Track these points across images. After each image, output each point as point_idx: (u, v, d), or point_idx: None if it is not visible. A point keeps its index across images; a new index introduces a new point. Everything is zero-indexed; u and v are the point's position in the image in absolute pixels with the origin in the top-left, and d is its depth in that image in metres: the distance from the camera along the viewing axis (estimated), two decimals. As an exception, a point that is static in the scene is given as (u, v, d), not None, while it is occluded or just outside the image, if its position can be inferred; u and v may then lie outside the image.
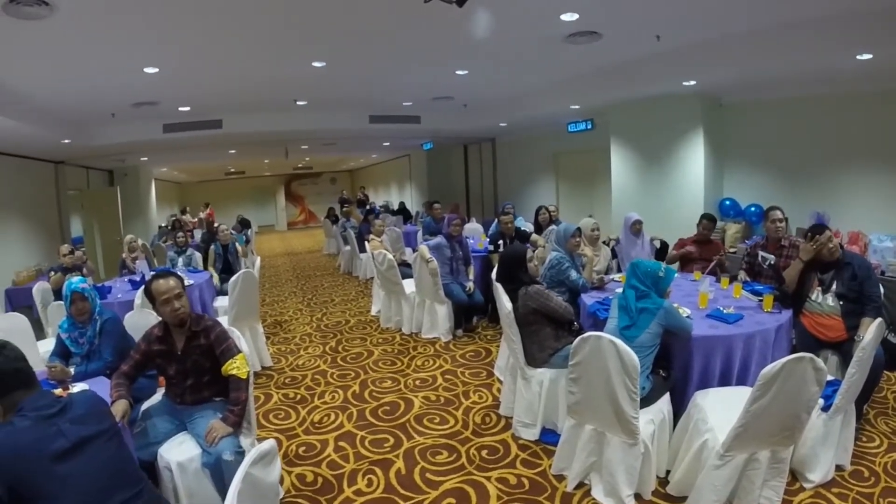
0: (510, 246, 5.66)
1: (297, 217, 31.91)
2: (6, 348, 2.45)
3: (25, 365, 2.47)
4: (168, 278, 3.67)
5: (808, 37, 5.89)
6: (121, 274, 8.87)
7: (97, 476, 2.31)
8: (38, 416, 2.29)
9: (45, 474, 2.18)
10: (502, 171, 16.25)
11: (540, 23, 5.86)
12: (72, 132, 9.71)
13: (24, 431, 2.23)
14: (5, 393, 2.35)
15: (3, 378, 2.35)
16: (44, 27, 4.86)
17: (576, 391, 3.66)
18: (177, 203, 26.26)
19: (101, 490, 2.29)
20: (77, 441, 2.30)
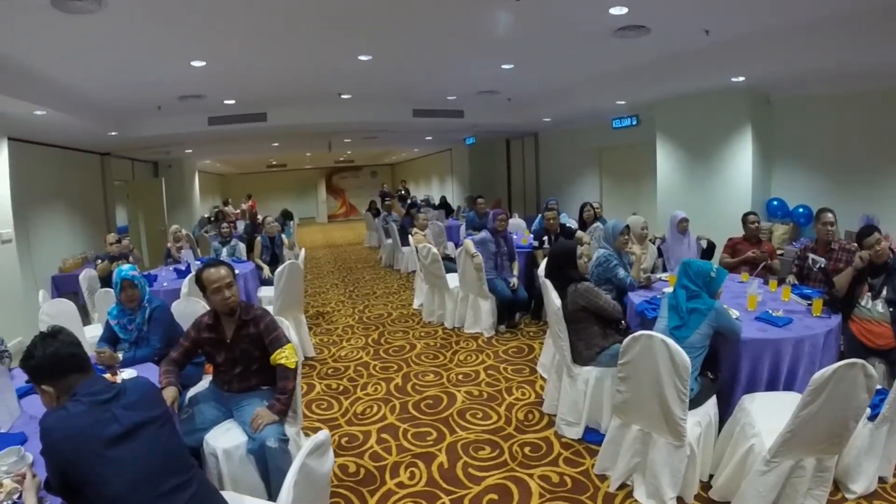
0: (560, 242, 5.62)
1: (338, 210, 32.09)
2: (62, 333, 2.48)
3: (81, 350, 2.48)
4: (219, 267, 3.71)
5: (862, 30, 5.70)
6: (166, 263, 9.04)
7: (149, 462, 2.30)
8: (93, 401, 2.30)
9: (97, 459, 2.18)
10: (545, 166, 16.14)
11: (589, 17, 5.79)
12: (118, 124, 9.84)
13: (78, 416, 2.24)
14: (61, 376, 2.37)
15: (59, 362, 2.37)
16: (93, 21, 4.91)
17: (624, 390, 3.62)
18: (219, 194, 26.59)
19: (153, 476, 2.29)
20: (130, 427, 2.30)
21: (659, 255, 6.87)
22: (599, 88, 9.52)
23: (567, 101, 10.70)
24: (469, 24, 6.00)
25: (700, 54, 7.15)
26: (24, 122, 7.53)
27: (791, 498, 3.20)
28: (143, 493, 2.22)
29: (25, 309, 7.11)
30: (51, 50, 5.74)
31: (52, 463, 2.20)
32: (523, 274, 7.52)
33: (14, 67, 6.05)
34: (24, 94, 6.40)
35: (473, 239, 7.16)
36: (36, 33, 5.16)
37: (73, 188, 11.21)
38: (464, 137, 16.99)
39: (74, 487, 2.18)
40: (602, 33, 6.32)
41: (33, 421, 3.19)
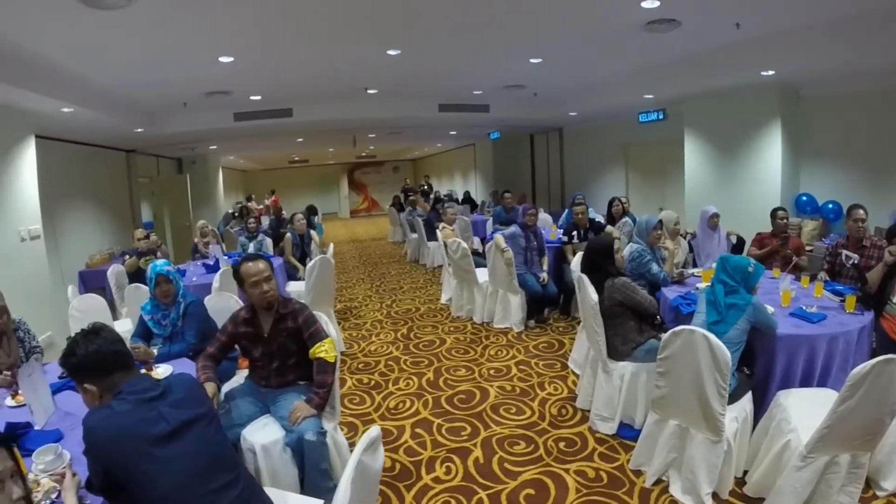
0: (597, 237, 5.59)
1: (360, 205, 32.15)
2: (104, 331, 2.46)
3: (123, 347, 2.47)
4: (257, 261, 3.73)
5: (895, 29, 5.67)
6: (193, 258, 9.09)
7: (197, 460, 2.28)
8: (139, 399, 2.28)
9: (144, 458, 2.16)
10: (570, 161, 16.05)
11: (620, 10, 5.74)
12: (145, 121, 9.91)
13: (124, 415, 2.21)
14: (105, 375, 2.35)
15: (103, 360, 2.35)
16: (122, 17, 4.91)
17: (662, 385, 3.61)
18: (241, 190, 26.73)
19: (200, 474, 2.26)
20: (178, 425, 2.27)
21: (689, 251, 6.82)
22: (627, 83, 9.47)
23: (594, 96, 10.66)
24: (500, 17, 5.97)
25: (730, 48, 7.08)
26: (52, 119, 7.59)
27: (825, 494, 3.17)
28: (190, 492, 2.21)
29: (53, 304, 7.18)
30: (79, 46, 5.77)
31: (95, 462, 2.18)
32: (552, 269, 7.51)
33: (42, 65, 6.09)
34: (51, 92, 6.45)
35: (503, 234, 7.13)
36: (64, 29, 5.17)
37: (99, 185, 11.32)
38: (488, 132, 16.91)
39: (118, 487, 2.16)
40: (632, 27, 6.27)
41: (68, 417, 3.22)
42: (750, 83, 8.24)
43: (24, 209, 6.87)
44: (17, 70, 5.73)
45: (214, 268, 7.54)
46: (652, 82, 9.06)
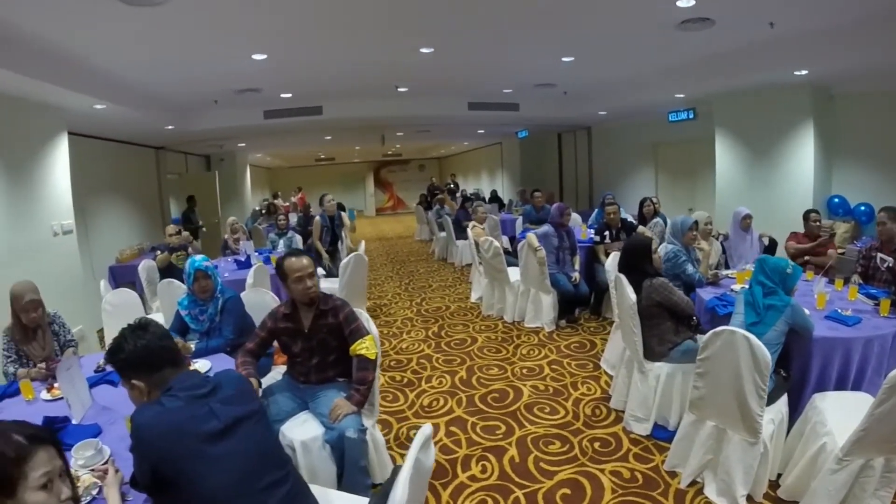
0: (635, 237, 5.55)
1: (386, 203, 32.23)
2: (152, 325, 2.44)
3: (171, 342, 2.45)
4: (301, 257, 3.73)
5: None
6: (223, 254, 9.17)
7: (247, 458, 2.25)
8: (190, 395, 2.25)
9: (195, 456, 2.14)
10: (598, 160, 15.96)
11: (656, 9, 5.71)
12: (175, 118, 10.00)
13: (176, 411, 2.19)
14: (154, 371, 2.32)
15: (151, 356, 2.33)
16: (156, 14, 4.95)
17: (701, 386, 3.59)
18: (267, 188, 26.93)
19: (250, 472, 2.24)
20: (229, 422, 2.25)
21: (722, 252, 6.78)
22: (659, 81, 9.41)
23: (625, 95, 10.59)
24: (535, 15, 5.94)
25: (763, 47, 7.02)
26: (84, 116, 7.68)
27: (859, 498, 3.14)
28: (240, 490, 2.18)
29: (85, 297, 7.28)
30: (113, 43, 5.81)
31: (143, 459, 2.15)
32: (583, 268, 7.47)
33: (76, 61, 6.16)
34: (84, 88, 6.52)
35: (537, 233, 7.10)
36: (98, 26, 5.22)
37: (128, 181, 11.46)
38: (516, 131, 16.89)
39: (167, 485, 2.14)
40: (667, 25, 6.23)
41: (105, 412, 3.25)
42: (782, 82, 8.16)
43: (57, 204, 6.97)
44: (52, 66, 5.80)
45: (246, 264, 7.63)
46: (683, 81, 8.99)
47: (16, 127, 6.23)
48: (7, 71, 5.15)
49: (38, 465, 1.71)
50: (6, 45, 5.07)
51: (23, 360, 4.09)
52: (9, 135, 6.08)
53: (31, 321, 4.09)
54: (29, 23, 4.86)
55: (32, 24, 4.91)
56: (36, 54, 5.52)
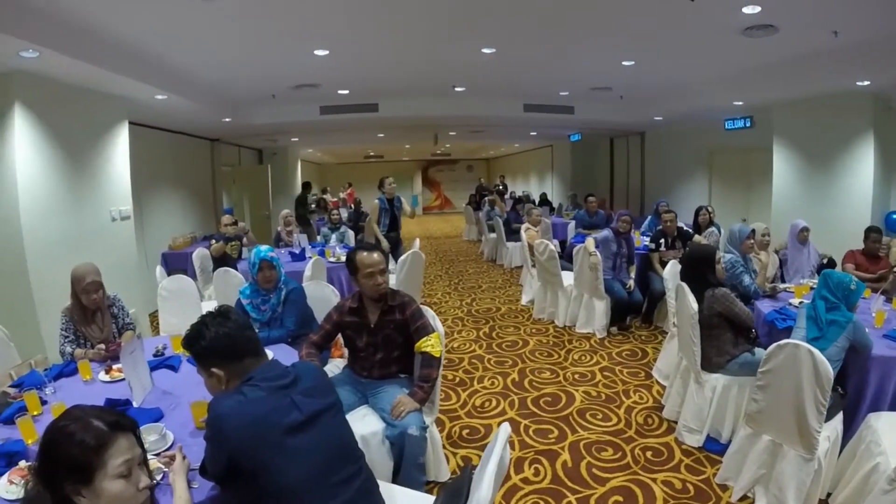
0: (699, 245, 5.50)
1: (433, 202, 32.26)
2: (232, 313, 2.45)
3: (253, 332, 2.46)
4: (373, 252, 3.75)
5: None
6: (276, 246, 9.26)
7: (325, 451, 2.24)
8: (272, 386, 2.24)
9: (276, 447, 2.13)
10: (651, 166, 15.76)
11: (721, 14, 5.66)
12: (233, 111, 10.16)
13: (258, 402, 2.18)
14: (235, 360, 2.33)
15: (234, 345, 2.33)
16: (223, 7, 5.04)
17: (760, 399, 3.56)
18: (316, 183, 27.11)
19: (327, 466, 2.22)
20: (310, 414, 2.25)
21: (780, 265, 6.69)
22: (717, 88, 9.28)
23: (682, 100, 10.46)
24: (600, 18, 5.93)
25: (826, 56, 6.89)
26: (145, 106, 7.83)
27: (909, 520, 3.10)
28: (317, 483, 2.17)
29: (139, 282, 7.47)
30: (177, 35, 5.92)
31: (220, 450, 2.13)
32: (637, 276, 7.44)
33: (139, 52, 6.28)
34: (147, 79, 6.65)
35: (596, 238, 7.10)
36: (165, 18, 5.32)
37: (184, 171, 11.66)
38: (569, 134, 16.79)
39: (241, 476, 2.13)
40: (730, 31, 6.16)
41: (166, 396, 3.31)
42: (844, 92, 8.00)
43: (116, 191, 7.15)
44: (117, 56, 5.94)
45: (300, 256, 7.74)
46: (743, 88, 8.86)
47: (80, 116, 6.41)
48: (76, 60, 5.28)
49: (118, 454, 1.71)
50: (75, 35, 5.20)
51: (80, 340, 4.17)
52: (73, 123, 6.26)
53: (91, 303, 4.16)
54: (97, 13, 4.98)
55: (100, 15, 5.03)
56: (102, 44, 5.66)
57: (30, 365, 3.86)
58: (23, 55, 4.87)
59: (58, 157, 6.01)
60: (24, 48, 4.71)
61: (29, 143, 5.56)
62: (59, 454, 1.65)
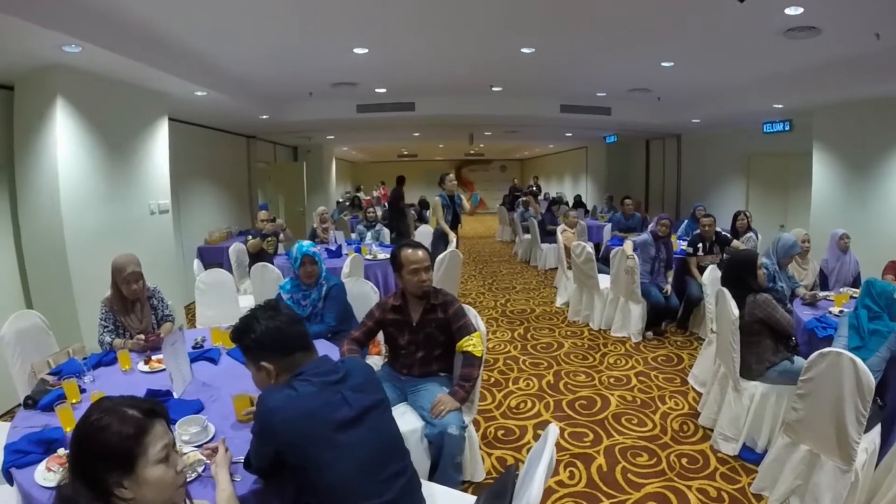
0: (742, 250, 5.44)
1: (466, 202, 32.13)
2: (283, 307, 2.46)
3: (303, 327, 2.44)
4: (418, 249, 3.76)
5: None
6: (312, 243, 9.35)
7: (373, 448, 2.24)
8: (323, 381, 2.24)
9: (325, 443, 2.13)
10: (687, 169, 15.59)
11: (763, 15, 5.57)
12: (270, 108, 10.25)
13: (309, 397, 2.18)
14: (285, 354, 2.32)
15: (285, 339, 2.33)
16: (264, 5, 5.11)
17: (800, 408, 3.52)
18: (349, 181, 27.32)
19: (375, 462, 2.23)
20: (360, 411, 2.25)
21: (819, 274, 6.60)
22: (756, 90, 9.16)
23: (721, 102, 10.33)
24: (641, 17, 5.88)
25: (869, 59, 6.77)
26: (185, 102, 7.94)
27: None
28: (363, 480, 2.18)
29: (176, 274, 7.59)
30: (218, 32, 5.98)
31: (267, 443, 2.15)
32: (674, 281, 7.36)
33: (180, 48, 6.36)
34: (188, 75, 6.75)
35: (635, 241, 7.07)
36: (206, 14, 5.38)
37: (220, 167, 11.81)
38: (604, 135, 16.69)
39: (287, 470, 2.16)
40: (772, 33, 6.09)
41: (206, 388, 3.35)
42: (886, 97, 7.81)
43: (156, 184, 7.26)
44: (159, 52, 6.04)
45: (336, 253, 7.80)
46: (783, 91, 8.72)
47: (121, 110, 6.51)
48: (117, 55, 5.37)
49: (156, 439, 1.72)
50: (117, 30, 5.28)
51: (119, 330, 4.24)
52: (114, 118, 6.36)
53: (131, 293, 4.23)
54: (139, 9, 5.05)
55: (142, 11, 5.10)
56: (144, 40, 5.74)
57: (68, 353, 3.94)
58: (65, 50, 4.95)
59: (99, 150, 6.12)
60: (67, 43, 4.80)
61: (70, 136, 5.67)
62: (99, 447, 1.66)
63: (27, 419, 2.99)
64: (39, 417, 2.99)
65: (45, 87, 5.51)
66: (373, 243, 8.87)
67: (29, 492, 2.34)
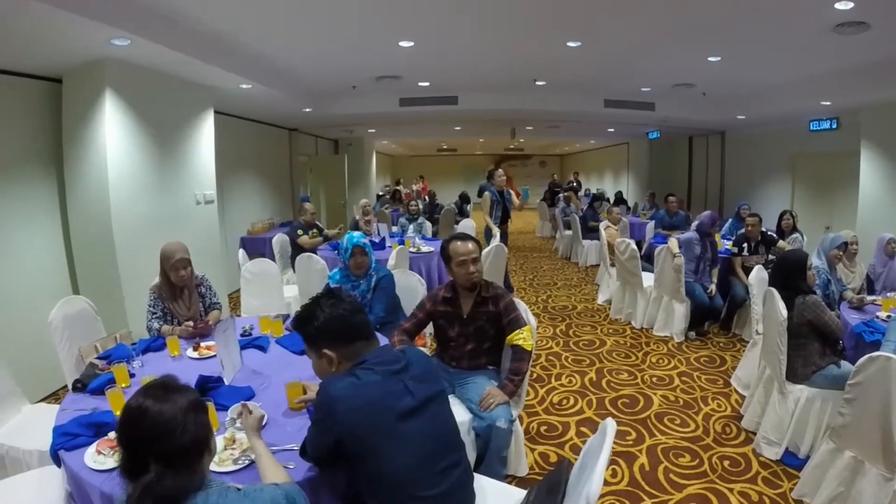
0: (791, 251, 5.37)
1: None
2: (345, 295, 2.46)
3: (365, 316, 2.45)
4: (467, 241, 3.78)
5: None
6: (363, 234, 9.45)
7: (432, 438, 2.24)
8: (386, 371, 2.24)
9: (387, 432, 2.14)
10: (731, 167, 15.43)
11: (812, 10, 5.54)
12: (314, 101, 10.35)
13: (373, 386, 2.18)
14: (348, 343, 2.32)
15: (348, 328, 2.33)
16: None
17: (847, 413, 3.47)
18: (389, 174, 27.43)
19: (432, 453, 2.22)
20: (423, 400, 2.25)
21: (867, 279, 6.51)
22: (804, 87, 9.06)
23: (767, 99, 10.25)
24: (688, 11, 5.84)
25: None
26: (230, 95, 8.07)
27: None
28: (421, 470, 2.18)
29: (220, 264, 7.75)
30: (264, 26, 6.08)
31: (327, 432, 2.15)
32: (718, 281, 7.31)
33: (226, 41, 6.47)
34: (233, 68, 6.85)
35: (680, 239, 7.00)
36: (253, 8, 5.47)
37: (262, 159, 12.01)
38: (647, 132, 16.53)
39: (345, 459, 2.17)
40: (821, 28, 6.03)
41: (256, 376, 3.42)
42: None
43: (201, 175, 7.43)
44: (204, 45, 6.13)
45: (380, 245, 7.86)
46: (831, 88, 8.63)
47: (168, 103, 6.67)
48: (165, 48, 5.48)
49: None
50: (165, 23, 5.40)
51: (167, 317, 4.35)
52: (162, 110, 6.51)
53: (179, 280, 4.33)
54: (186, 2, 5.16)
55: (189, 4, 5.20)
56: (191, 33, 5.86)
57: (115, 339, 4.06)
58: (114, 43, 5.07)
59: (146, 141, 6.28)
60: (117, 36, 4.92)
61: (119, 128, 5.82)
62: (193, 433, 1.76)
63: (76, 402, 3.08)
64: (88, 401, 3.08)
65: (94, 79, 5.66)
66: (416, 236, 8.93)
67: (78, 474, 2.39)
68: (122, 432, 1.75)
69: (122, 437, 1.75)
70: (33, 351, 4.74)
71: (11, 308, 5.29)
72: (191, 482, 1.72)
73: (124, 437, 1.74)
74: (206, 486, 1.75)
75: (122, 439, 1.75)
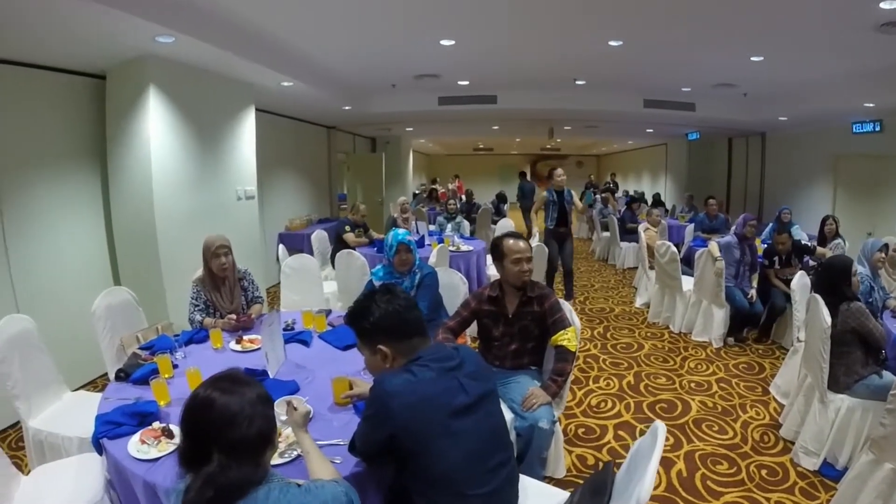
0: (837, 256, 5.32)
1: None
2: (399, 291, 2.45)
3: (419, 312, 2.45)
4: (519, 240, 3.80)
5: None
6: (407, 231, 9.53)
7: (483, 436, 2.25)
8: (441, 367, 2.25)
9: (440, 429, 2.15)
10: (771, 169, 15.22)
11: (857, 8, 5.47)
12: (353, 99, 10.47)
13: (428, 382, 2.19)
14: (404, 338, 2.33)
15: (404, 324, 2.34)
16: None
17: (888, 423, 3.41)
18: (424, 173, 27.51)
19: (483, 451, 2.23)
20: (476, 398, 2.25)
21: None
22: (847, 87, 8.92)
23: (809, 100, 10.08)
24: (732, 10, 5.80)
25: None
26: (271, 92, 8.21)
27: None
28: (472, 468, 2.18)
29: (260, 258, 7.91)
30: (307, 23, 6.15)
31: (381, 427, 2.16)
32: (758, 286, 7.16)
33: (269, 39, 6.57)
34: (275, 65, 6.96)
35: (719, 242, 6.91)
36: (295, 5, 5.55)
37: (301, 157, 12.20)
38: (686, 132, 16.41)
39: (396, 455, 2.19)
40: (865, 27, 5.96)
41: (300, 370, 3.48)
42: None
43: (243, 171, 7.58)
44: (247, 43, 6.24)
45: (419, 244, 7.91)
46: (875, 89, 8.50)
47: (210, 99, 6.81)
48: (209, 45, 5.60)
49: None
50: (209, 21, 5.50)
51: (210, 310, 4.44)
52: (204, 106, 6.66)
53: (220, 269, 4.41)
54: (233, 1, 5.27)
55: (233, 1, 5.31)
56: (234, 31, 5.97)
57: (156, 330, 4.17)
58: (159, 40, 5.20)
59: (189, 137, 6.41)
60: (161, 33, 5.04)
61: (162, 123, 5.97)
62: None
63: (118, 391, 3.17)
64: (131, 390, 3.17)
65: (137, 76, 5.80)
66: (454, 235, 8.97)
67: (121, 463, 2.45)
68: (187, 421, 1.79)
69: (188, 425, 1.79)
70: (74, 339, 4.90)
71: (55, 298, 5.46)
72: (254, 475, 1.75)
73: (189, 426, 1.79)
74: (268, 481, 1.78)
75: (186, 428, 1.79)
